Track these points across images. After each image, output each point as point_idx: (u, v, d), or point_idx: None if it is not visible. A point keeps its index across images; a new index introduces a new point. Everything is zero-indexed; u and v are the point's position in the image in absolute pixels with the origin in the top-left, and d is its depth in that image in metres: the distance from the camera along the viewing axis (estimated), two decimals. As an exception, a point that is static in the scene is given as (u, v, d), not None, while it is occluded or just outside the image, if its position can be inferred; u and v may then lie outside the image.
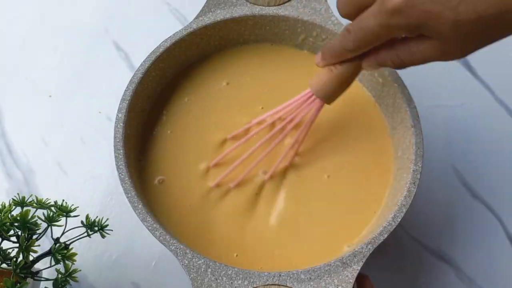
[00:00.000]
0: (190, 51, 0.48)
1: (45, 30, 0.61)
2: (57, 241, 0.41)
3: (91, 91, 0.57)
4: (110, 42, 0.60)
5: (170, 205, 0.43)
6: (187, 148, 0.45)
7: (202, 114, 0.47)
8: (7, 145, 0.54)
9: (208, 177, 0.44)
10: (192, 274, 0.37)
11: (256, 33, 0.49)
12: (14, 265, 0.38)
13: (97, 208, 0.50)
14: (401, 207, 0.39)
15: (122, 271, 0.47)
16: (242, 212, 0.43)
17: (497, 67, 0.58)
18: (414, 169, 0.41)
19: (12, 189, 0.51)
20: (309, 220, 0.43)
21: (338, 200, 0.43)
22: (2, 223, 0.38)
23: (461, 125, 0.55)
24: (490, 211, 0.50)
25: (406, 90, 0.44)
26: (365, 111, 0.47)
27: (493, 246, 0.49)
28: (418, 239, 0.49)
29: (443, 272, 0.48)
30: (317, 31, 0.47)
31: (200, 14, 0.48)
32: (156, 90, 0.47)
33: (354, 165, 0.45)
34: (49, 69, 0.58)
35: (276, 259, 0.41)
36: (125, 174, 0.40)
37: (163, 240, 0.38)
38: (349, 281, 0.37)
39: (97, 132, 0.54)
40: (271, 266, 0.41)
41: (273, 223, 0.42)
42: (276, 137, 0.43)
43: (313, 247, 0.42)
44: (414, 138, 0.42)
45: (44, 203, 0.41)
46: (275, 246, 0.42)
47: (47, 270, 0.45)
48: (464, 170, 0.52)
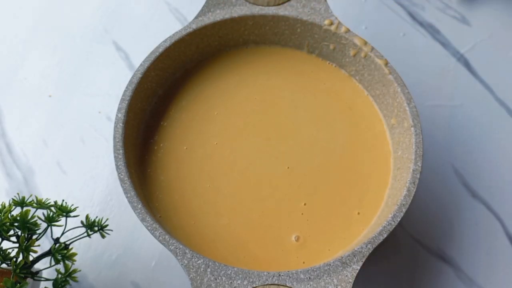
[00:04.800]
0: (190, 51, 0.48)
1: (45, 30, 0.61)
2: (57, 241, 0.41)
3: (91, 91, 0.57)
4: (110, 42, 0.60)
5: (170, 205, 0.43)
6: (188, 148, 0.45)
7: (203, 113, 0.47)
8: (7, 145, 0.54)
9: (209, 177, 0.44)
10: (191, 274, 0.37)
11: (256, 33, 0.49)
12: (14, 265, 0.38)
13: (97, 208, 0.50)
14: (400, 206, 0.39)
15: (122, 271, 0.47)
16: (243, 212, 0.43)
17: (497, 67, 0.58)
18: (414, 168, 0.41)
19: (12, 189, 0.51)
20: (309, 220, 0.43)
21: (337, 200, 0.43)
22: (2, 223, 0.38)
23: (461, 125, 0.55)
24: (490, 211, 0.50)
25: (406, 89, 0.44)
26: (365, 111, 0.47)
27: (493, 246, 0.49)
28: (418, 239, 0.49)
29: (443, 272, 0.48)
30: (317, 30, 0.47)
31: (199, 14, 0.48)
32: (156, 90, 0.47)
33: (353, 165, 0.45)
34: (49, 69, 0.58)
35: (277, 259, 0.41)
36: (125, 174, 0.40)
37: (162, 240, 0.38)
38: (349, 280, 0.37)
39: (97, 132, 0.54)
40: (272, 266, 0.41)
41: (269, 223, 0.42)
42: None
43: (312, 247, 0.42)
44: (413, 138, 0.42)
45: (44, 203, 0.41)
46: (275, 246, 0.42)
47: (47, 270, 0.45)
48: (464, 170, 0.52)
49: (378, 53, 0.46)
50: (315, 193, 0.44)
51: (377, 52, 0.46)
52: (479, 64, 0.58)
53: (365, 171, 0.45)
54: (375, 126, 0.47)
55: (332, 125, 0.47)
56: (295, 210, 0.43)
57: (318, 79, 0.49)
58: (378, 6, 0.62)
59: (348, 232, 0.42)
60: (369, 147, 0.46)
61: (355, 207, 0.43)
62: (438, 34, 0.60)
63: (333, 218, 0.43)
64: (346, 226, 0.42)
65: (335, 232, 0.42)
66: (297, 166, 0.45)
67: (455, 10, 0.61)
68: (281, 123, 0.47)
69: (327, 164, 0.45)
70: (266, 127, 0.46)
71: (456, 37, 0.60)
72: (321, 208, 0.43)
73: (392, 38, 0.59)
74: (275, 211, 0.43)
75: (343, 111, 0.47)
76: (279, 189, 0.44)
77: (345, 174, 0.44)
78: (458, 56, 0.58)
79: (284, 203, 0.43)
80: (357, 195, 0.44)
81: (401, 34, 0.60)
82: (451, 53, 0.59)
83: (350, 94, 0.48)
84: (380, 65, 0.46)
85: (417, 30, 0.60)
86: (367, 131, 0.46)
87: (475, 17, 0.61)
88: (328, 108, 0.48)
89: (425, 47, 0.59)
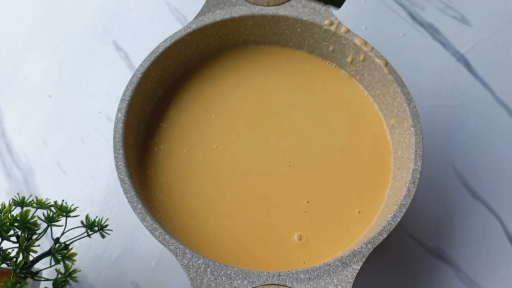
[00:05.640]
0: (190, 51, 0.48)
1: (45, 30, 0.61)
2: (57, 241, 0.41)
3: (91, 91, 0.57)
4: (110, 42, 0.60)
5: (171, 206, 0.43)
6: (188, 151, 0.45)
7: (203, 114, 0.47)
8: (7, 145, 0.54)
9: (211, 180, 0.44)
10: (191, 274, 0.37)
11: (256, 33, 0.49)
12: (14, 265, 0.38)
13: (97, 208, 0.50)
14: (400, 206, 0.39)
15: (122, 270, 0.47)
16: (247, 213, 0.43)
17: (497, 67, 0.58)
18: (414, 168, 0.41)
19: (12, 189, 0.51)
20: (311, 218, 0.43)
21: (339, 198, 0.43)
22: (2, 223, 0.38)
23: (461, 125, 0.55)
24: (490, 211, 0.50)
25: (406, 89, 0.44)
26: (365, 111, 0.47)
27: (493, 246, 0.49)
28: (418, 239, 0.49)
29: (443, 272, 0.48)
30: (317, 31, 0.47)
31: (199, 14, 0.48)
32: (156, 90, 0.47)
33: (353, 164, 0.45)
34: (49, 69, 0.58)
35: (278, 259, 0.41)
36: (125, 174, 0.40)
37: (162, 240, 0.38)
38: (349, 281, 0.37)
39: (97, 132, 0.54)
40: (273, 266, 0.41)
41: (273, 223, 0.42)
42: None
43: (314, 246, 0.42)
44: (413, 138, 0.42)
45: (44, 203, 0.41)
46: (278, 246, 0.42)
47: (47, 270, 0.45)
48: (464, 170, 0.52)
49: (378, 53, 0.46)
50: (317, 190, 0.44)
51: (377, 52, 0.46)
52: (479, 64, 0.58)
53: (365, 170, 0.45)
54: (375, 126, 0.47)
55: (331, 123, 0.47)
56: (298, 208, 0.43)
57: (318, 79, 0.49)
58: (378, 6, 0.62)
59: (348, 232, 0.42)
60: (369, 147, 0.46)
61: (356, 206, 0.43)
62: (438, 34, 0.60)
63: (335, 216, 0.43)
64: (347, 225, 0.42)
65: (337, 231, 0.42)
66: (298, 164, 0.45)
67: (455, 10, 0.61)
68: (280, 122, 0.47)
69: (328, 162, 0.45)
70: (265, 127, 0.46)
71: (456, 37, 0.60)
72: (323, 206, 0.43)
73: (392, 38, 0.59)
74: (278, 210, 0.43)
75: (342, 110, 0.47)
76: (282, 188, 0.44)
77: (345, 173, 0.44)
78: (458, 56, 0.58)
79: (287, 201, 0.43)
80: (357, 194, 0.44)
81: (401, 34, 0.60)
82: (451, 53, 0.59)
83: (350, 94, 0.48)
84: (380, 65, 0.46)
85: (417, 30, 0.60)
86: (367, 131, 0.46)
87: (475, 17, 0.61)
88: (326, 107, 0.48)
89: (425, 47, 0.59)
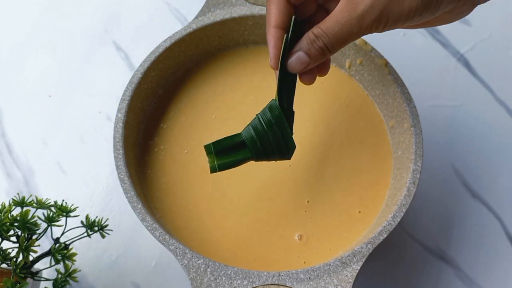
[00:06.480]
0: (190, 51, 0.48)
1: (45, 30, 0.61)
2: (57, 241, 0.41)
3: (91, 91, 0.57)
4: (110, 42, 0.60)
5: (171, 206, 0.43)
6: (189, 152, 0.45)
7: (202, 115, 0.47)
8: (7, 145, 0.54)
9: (212, 181, 0.44)
10: (191, 274, 0.37)
11: (256, 33, 0.49)
12: (14, 265, 0.38)
13: (97, 208, 0.50)
14: (400, 206, 0.39)
15: (122, 271, 0.47)
16: (249, 213, 0.43)
17: (497, 67, 0.58)
18: (414, 168, 0.41)
19: (12, 189, 0.51)
20: (312, 217, 0.43)
21: (339, 197, 0.43)
22: (2, 223, 0.38)
23: (461, 125, 0.55)
24: (490, 211, 0.50)
25: (406, 89, 0.44)
26: (365, 111, 0.47)
27: (493, 246, 0.49)
28: (418, 239, 0.49)
29: (443, 272, 0.48)
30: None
31: (199, 14, 0.48)
32: (156, 90, 0.47)
33: (353, 164, 0.45)
34: (49, 69, 0.58)
35: (278, 258, 0.41)
36: (125, 174, 0.40)
37: (162, 240, 0.38)
38: (349, 280, 0.37)
39: (97, 132, 0.54)
40: (273, 266, 0.41)
41: (275, 223, 0.42)
42: None
43: (314, 246, 0.42)
44: (414, 138, 0.42)
45: (44, 203, 0.41)
46: (279, 246, 0.42)
47: (47, 270, 0.45)
48: (464, 170, 0.52)
49: (378, 53, 0.46)
50: (318, 190, 0.44)
51: (377, 52, 0.46)
52: (479, 64, 0.58)
53: (366, 170, 0.45)
54: (375, 126, 0.47)
55: (331, 123, 0.47)
56: (299, 207, 0.43)
57: (317, 79, 0.49)
58: (378, 6, 0.62)
59: (349, 232, 0.42)
60: (369, 147, 0.46)
61: (356, 205, 0.43)
62: (438, 34, 0.60)
63: (336, 215, 0.43)
64: (348, 225, 0.42)
65: (337, 231, 0.42)
66: (298, 164, 0.45)
67: (455, 10, 0.61)
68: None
69: (328, 162, 0.45)
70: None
71: (456, 37, 0.60)
72: (324, 205, 0.43)
73: (392, 38, 0.59)
74: (278, 210, 0.43)
75: (342, 110, 0.47)
76: (282, 187, 0.44)
77: (346, 172, 0.44)
78: (458, 56, 0.58)
79: (288, 201, 0.43)
80: (358, 193, 0.44)
81: (401, 34, 0.60)
82: (451, 53, 0.59)
83: (349, 94, 0.48)
84: (380, 65, 0.46)
85: (417, 30, 0.60)
86: (367, 131, 0.46)
87: (475, 17, 0.61)
88: (326, 107, 0.48)
89: (425, 47, 0.59)
